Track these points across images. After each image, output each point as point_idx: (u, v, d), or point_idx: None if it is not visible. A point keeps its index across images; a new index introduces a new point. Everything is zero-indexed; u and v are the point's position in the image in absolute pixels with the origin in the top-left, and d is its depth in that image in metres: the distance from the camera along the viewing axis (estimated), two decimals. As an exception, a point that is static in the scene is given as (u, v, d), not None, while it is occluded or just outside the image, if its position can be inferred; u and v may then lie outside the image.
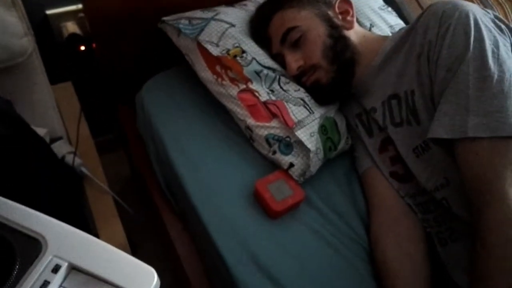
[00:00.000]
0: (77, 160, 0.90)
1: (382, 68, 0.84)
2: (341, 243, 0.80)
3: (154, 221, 1.09)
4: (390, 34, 1.02)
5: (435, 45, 0.72)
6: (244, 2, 1.03)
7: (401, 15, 1.16)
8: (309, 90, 0.88)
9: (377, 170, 0.86)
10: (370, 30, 1.02)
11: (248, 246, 0.76)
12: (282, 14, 0.88)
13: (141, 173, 1.06)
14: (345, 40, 0.86)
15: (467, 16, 0.70)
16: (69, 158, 0.90)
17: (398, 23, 1.09)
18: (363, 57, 0.87)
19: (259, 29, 0.93)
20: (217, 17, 0.93)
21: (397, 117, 0.81)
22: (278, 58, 0.91)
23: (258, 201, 0.81)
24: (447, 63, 0.70)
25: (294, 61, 0.86)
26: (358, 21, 0.95)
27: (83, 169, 0.91)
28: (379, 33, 1.02)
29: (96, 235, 0.88)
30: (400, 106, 0.80)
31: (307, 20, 0.86)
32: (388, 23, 1.06)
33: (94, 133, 1.01)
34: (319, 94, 0.88)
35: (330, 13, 0.89)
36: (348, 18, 0.89)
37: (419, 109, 0.76)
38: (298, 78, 0.89)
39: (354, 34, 0.88)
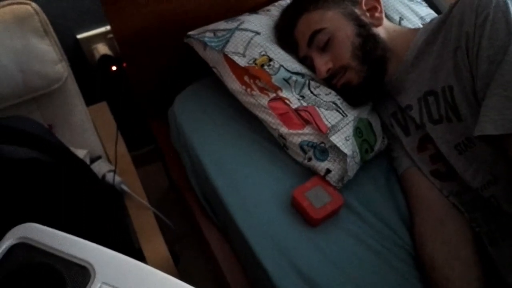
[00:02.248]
0: (117, 178, 0.93)
1: (415, 63, 0.81)
2: (384, 248, 0.77)
3: (194, 230, 1.10)
4: (421, 26, 0.98)
5: (473, 37, 0.68)
6: (268, 8, 1.01)
7: (431, 4, 1.11)
8: (340, 92, 0.86)
9: (417, 170, 0.83)
10: (399, 23, 0.98)
11: (290, 256, 0.76)
12: (308, 17, 0.87)
13: (178, 185, 1.07)
14: (374, 38, 0.84)
15: (506, 3, 0.66)
16: (109, 177, 0.93)
17: (429, 13, 1.04)
18: (394, 53, 0.84)
19: (284, 34, 0.91)
20: (241, 26, 0.92)
21: (435, 114, 0.78)
22: (306, 61, 0.89)
23: (297, 210, 0.80)
24: (490, 54, 0.66)
25: (323, 64, 0.85)
26: (386, 16, 0.92)
27: (123, 187, 0.93)
28: (410, 26, 0.98)
29: (139, 250, 0.90)
30: (438, 103, 0.77)
31: (333, 21, 0.84)
32: (419, 14, 1.02)
33: (129, 148, 1.04)
34: (351, 95, 0.86)
35: (357, 11, 0.86)
36: (376, 14, 0.86)
37: (460, 105, 0.73)
38: (328, 81, 0.87)
39: (383, 30, 0.85)
